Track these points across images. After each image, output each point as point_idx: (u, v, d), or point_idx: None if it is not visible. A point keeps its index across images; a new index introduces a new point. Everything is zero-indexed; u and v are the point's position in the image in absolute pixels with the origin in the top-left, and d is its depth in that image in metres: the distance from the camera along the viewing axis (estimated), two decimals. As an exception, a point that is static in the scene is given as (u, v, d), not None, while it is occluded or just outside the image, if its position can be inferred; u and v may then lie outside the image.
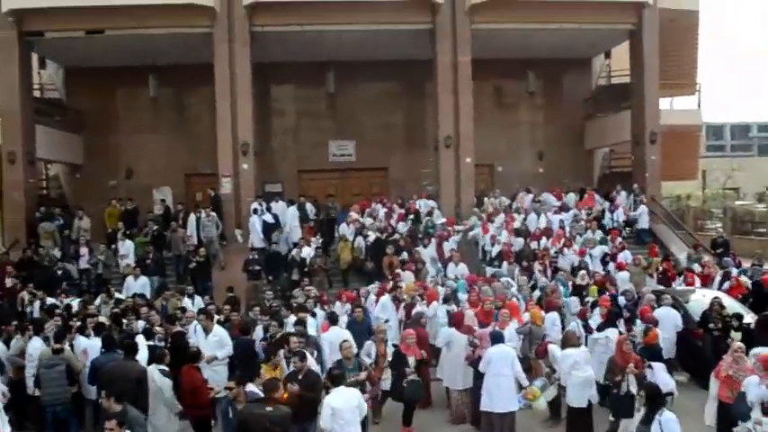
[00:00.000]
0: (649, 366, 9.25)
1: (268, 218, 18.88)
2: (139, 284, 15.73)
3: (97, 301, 13.80)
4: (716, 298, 12.52)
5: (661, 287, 14.76)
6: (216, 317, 11.52)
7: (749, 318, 12.18)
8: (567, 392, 9.77)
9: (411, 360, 10.00)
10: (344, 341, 9.39)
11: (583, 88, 26.48)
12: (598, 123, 25.98)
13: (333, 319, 11.34)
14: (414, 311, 12.46)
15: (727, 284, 14.63)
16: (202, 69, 20.87)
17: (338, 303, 14.02)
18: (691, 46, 25.34)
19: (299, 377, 8.16)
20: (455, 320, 10.96)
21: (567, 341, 9.97)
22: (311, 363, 8.73)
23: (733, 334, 11.20)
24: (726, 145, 75.54)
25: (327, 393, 7.66)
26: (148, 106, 23.61)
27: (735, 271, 15.47)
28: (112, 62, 22.36)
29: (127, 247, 17.69)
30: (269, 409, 6.67)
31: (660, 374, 9.22)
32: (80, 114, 23.80)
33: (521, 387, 9.64)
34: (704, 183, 41.93)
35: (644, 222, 20.29)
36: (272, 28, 20.59)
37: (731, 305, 12.67)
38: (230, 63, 20.44)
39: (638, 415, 7.74)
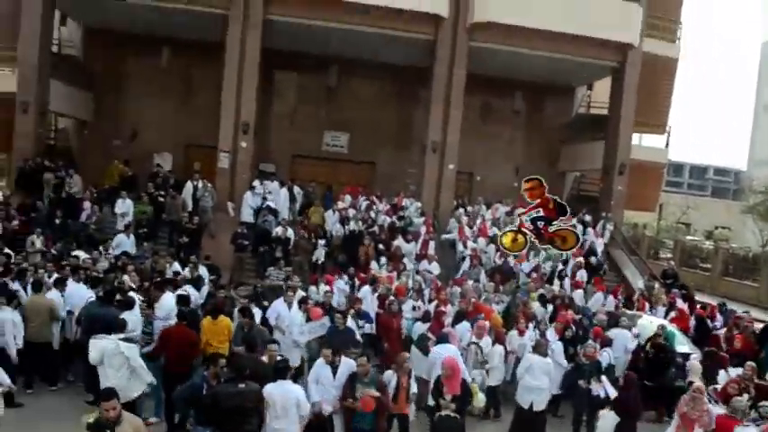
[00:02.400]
0: (598, 380, 9.54)
1: (271, 203, 18.88)
2: (130, 243, 15.69)
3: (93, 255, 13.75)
4: (661, 325, 12.84)
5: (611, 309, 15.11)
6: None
7: (687, 348, 12.54)
8: (517, 392, 10.08)
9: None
10: (361, 357, 7.84)
11: (563, 114, 26.89)
12: (573, 149, 26.38)
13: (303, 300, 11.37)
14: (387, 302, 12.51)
15: (672, 314, 14.98)
16: (213, 48, 20.81)
17: (312, 288, 13.84)
18: (667, 90, 25.73)
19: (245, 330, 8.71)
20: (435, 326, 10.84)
21: (537, 348, 10.13)
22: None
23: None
24: (684, 182, 76.75)
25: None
26: (159, 75, 23.41)
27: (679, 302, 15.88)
28: (130, 28, 22.17)
29: (127, 206, 17.50)
30: (241, 386, 6.66)
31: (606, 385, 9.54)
32: (93, 74, 23.55)
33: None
34: (660, 215, 42.64)
35: (599, 243, 20.54)
36: (285, 18, 20.53)
37: (674, 333, 12.98)
38: (241, 45, 20.33)
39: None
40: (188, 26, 21.20)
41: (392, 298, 12.66)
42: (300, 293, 11.81)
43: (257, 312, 10.37)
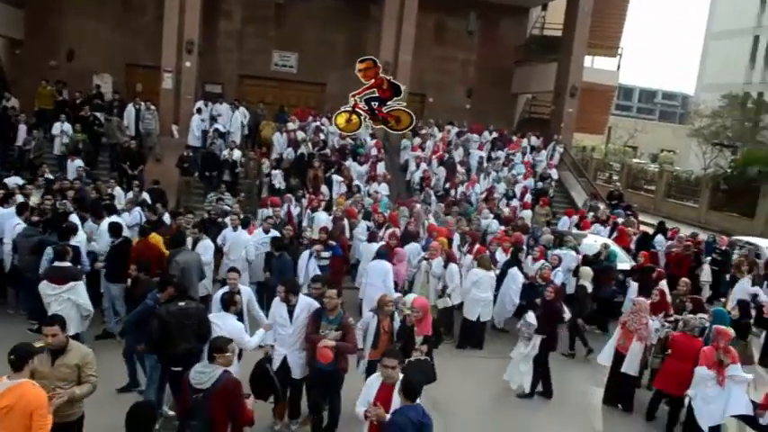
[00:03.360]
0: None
1: (220, 128, 18.32)
2: (75, 166, 15.03)
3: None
4: (605, 244, 13.12)
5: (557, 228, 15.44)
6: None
7: (627, 265, 12.88)
8: (464, 306, 10.40)
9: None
10: (330, 290, 6.94)
11: (517, 35, 26.53)
12: (526, 70, 26.21)
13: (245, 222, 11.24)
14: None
15: (615, 234, 15.35)
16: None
17: (264, 211, 13.51)
18: (620, 12, 25.62)
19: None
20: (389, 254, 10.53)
21: (481, 263, 10.39)
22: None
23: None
24: (633, 106, 77.64)
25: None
26: (92, -12, 22.02)
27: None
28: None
29: (65, 129, 16.66)
30: (181, 304, 6.61)
31: None
32: (24, -12, 21.96)
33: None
34: (608, 138, 43.19)
35: (554, 172, 20.76)
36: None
37: (616, 252, 13.27)
38: (184, -41, 19.22)
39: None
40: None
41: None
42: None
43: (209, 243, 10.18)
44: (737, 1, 40.41)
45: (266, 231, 10.93)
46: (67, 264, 8.05)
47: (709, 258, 14.77)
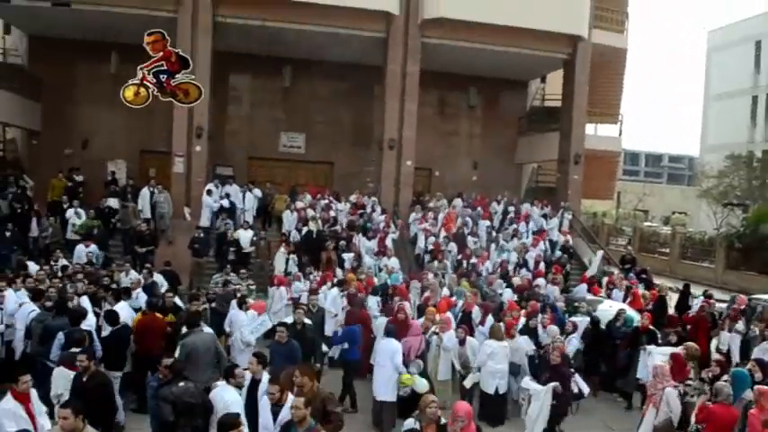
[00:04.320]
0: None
1: (225, 203, 18.69)
2: (86, 251, 15.28)
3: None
4: (621, 309, 13.01)
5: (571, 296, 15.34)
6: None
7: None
8: (482, 379, 10.14)
9: None
10: (297, 398, 5.86)
11: (518, 107, 27.11)
12: (529, 141, 26.64)
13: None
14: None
15: (629, 298, 15.22)
16: (165, 52, 20.34)
17: (273, 290, 13.70)
18: (617, 79, 26.18)
19: None
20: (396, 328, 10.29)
21: (492, 334, 10.26)
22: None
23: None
24: (640, 171, 78.24)
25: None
26: (109, 81, 22.66)
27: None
28: (76, 35, 21.66)
29: (78, 213, 17.07)
30: (181, 384, 6.60)
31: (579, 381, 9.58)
32: (41, 82, 22.82)
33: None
34: (618, 203, 43.37)
35: (568, 239, 20.79)
36: (235, 20, 20.30)
37: (632, 317, 13.14)
38: (192, 49, 19.87)
39: None
40: (136, 31, 20.57)
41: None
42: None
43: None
44: (732, 63, 41.27)
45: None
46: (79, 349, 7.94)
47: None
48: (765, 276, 25.78)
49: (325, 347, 10.33)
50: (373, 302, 12.82)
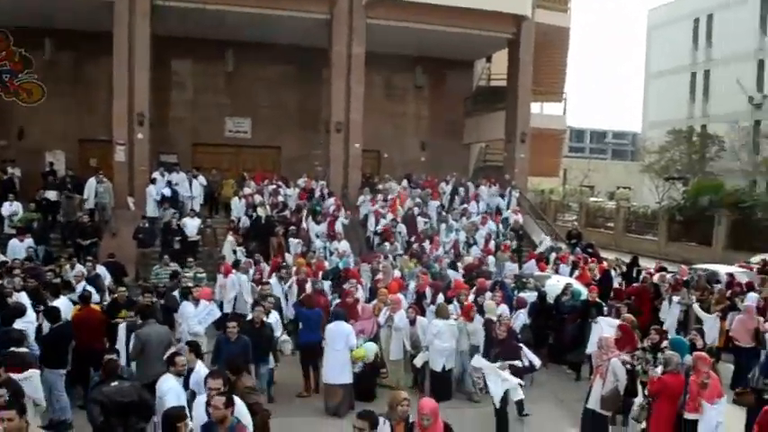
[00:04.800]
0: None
1: (166, 191, 18.27)
2: (24, 246, 14.75)
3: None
4: (568, 283, 13.28)
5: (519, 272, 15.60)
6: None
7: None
8: (429, 357, 10.27)
9: None
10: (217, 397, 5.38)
11: (465, 87, 27.27)
12: (476, 120, 26.86)
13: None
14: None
15: (576, 272, 15.54)
16: (101, 37, 19.68)
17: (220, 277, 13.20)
18: (561, 58, 26.58)
19: None
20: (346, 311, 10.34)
21: (439, 313, 10.37)
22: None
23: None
24: (585, 147, 79.81)
25: None
26: (44, 69, 22.06)
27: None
28: (8, 21, 20.68)
29: (15, 207, 16.47)
30: (114, 384, 6.37)
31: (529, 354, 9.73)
32: (-31, 71, 21.86)
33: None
34: (565, 180, 44.15)
35: (519, 218, 20.97)
36: (175, 3, 19.75)
37: (580, 290, 13.41)
38: (129, 34, 19.39)
39: None
40: (72, 16, 20.07)
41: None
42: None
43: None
44: (671, 41, 42.27)
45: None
46: (24, 350, 7.61)
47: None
48: (705, 247, 26.72)
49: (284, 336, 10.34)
50: (325, 286, 12.78)
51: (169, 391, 6.44)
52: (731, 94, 35.58)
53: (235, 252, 15.58)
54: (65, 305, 9.73)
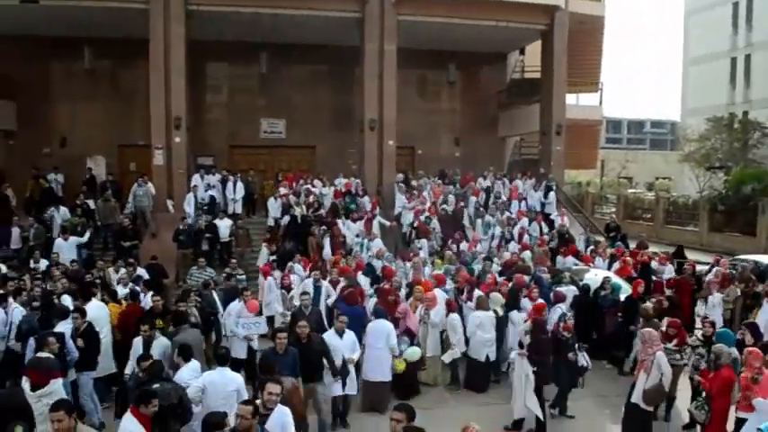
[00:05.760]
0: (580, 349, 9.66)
1: (205, 196, 18.61)
2: (69, 244, 15.20)
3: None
4: (606, 277, 13.07)
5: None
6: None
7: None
8: (470, 347, 10.46)
9: None
10: (244, 405, 5.58)
11: (498, 81, 26.99)
12: (510, 114, 26.59)
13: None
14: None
15: (616, 265, 15.28)
16: (138, 44, 20.01)
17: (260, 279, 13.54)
18: (596, 48, 26.09)
19: None
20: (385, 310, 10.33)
21: (479, 305, 10.41)
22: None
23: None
24: (623, 138, 78.46)
25: None
26: (83, 77, 22.60)
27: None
28: (48, 31, 21.25)
29: (62, 214, 16.94)
30: (156, 386, 6.35)
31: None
32: (14, 81, 22.32)
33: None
34: (602, 172, 43.46)
35: (551, 208, 20.78)
36: (208, 8, 19.98)
37: (619, 284, 13.20)
38: (165, 39, 19.68)
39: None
40: (108, 24, 20.44)
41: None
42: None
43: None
44: (709, 26, 41.24)
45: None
46: (47, 354, 7.46)
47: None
48: (748, 237, 26.03)
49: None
50: (365, 282, 12.81)
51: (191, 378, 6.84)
52: (773, 78, 34.59)
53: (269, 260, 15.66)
54: (96, 307, 9.82)
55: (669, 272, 15.18)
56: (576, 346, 9.44)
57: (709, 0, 41.64)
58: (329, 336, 8.85)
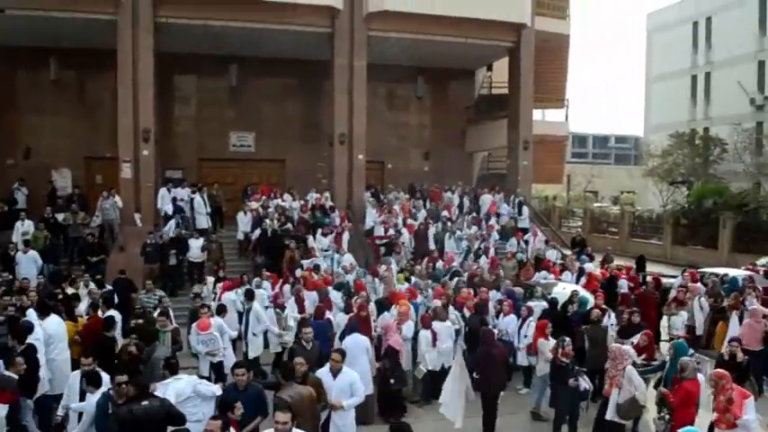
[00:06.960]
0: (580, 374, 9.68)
1: (169, 209, 18.44)
2: (28, 258, 14.95)
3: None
4: (574, 291, 13.26)
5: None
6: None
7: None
8: (428, 359, 10.52)
9: None
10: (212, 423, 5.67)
11: (466, 96, 27.31)
12: (478, 129, 26.91)
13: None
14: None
15: (583, 279, 15.51)
16: (106, 55, 19.82)
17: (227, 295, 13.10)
18: (562, 65, 26.65)
19: None
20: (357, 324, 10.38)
21: (436, 315, 10.70)
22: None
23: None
24: (588, 153, 79.78)
25: None
26: (49, 88, 22.28)
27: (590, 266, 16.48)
28: (13, 41, 20.94)
29: (27, 226, 16.67)
30: (144, 403, 6.23)
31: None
32: (-25, 92, 22.00)
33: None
34: (568, 186, 44.14)
35: (525, 223, 21.17)
36: (177, 20, 19.89)
37: (586, 297, 13.38)
38: (133, 51, 19.52)
39: None
40: (75, 35, 20.22)
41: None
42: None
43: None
44: (671, 44, 42.29)
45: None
46: (7, 373, 7.45)
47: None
48: (711, 249, 26.68)
49: None
50: (337, 297, 12.78)
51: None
52: (732, 96, 35.59)
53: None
54: (55, 323, 9.58)
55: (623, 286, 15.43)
56: (575, 370, 9.15)
57: (671, 19, 42.77)
58: (322, 373, 7.75)
